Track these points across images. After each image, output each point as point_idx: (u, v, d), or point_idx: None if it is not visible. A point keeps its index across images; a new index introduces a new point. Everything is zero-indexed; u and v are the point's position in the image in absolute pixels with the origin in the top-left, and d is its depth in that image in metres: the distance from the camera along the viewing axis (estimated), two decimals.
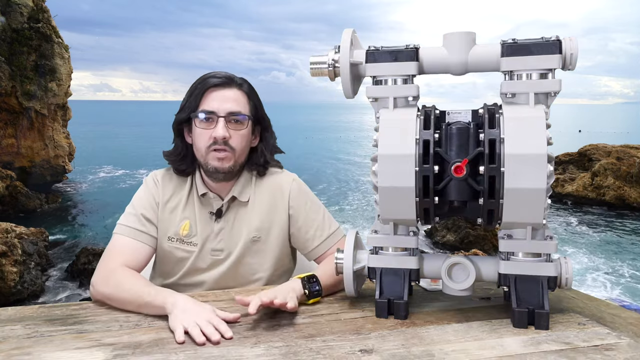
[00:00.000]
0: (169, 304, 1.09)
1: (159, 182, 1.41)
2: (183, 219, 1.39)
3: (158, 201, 1.40)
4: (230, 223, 1.39)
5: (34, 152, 14.68)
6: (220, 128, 1.29)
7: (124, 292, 1.17)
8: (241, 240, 1.38)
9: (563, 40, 1.01)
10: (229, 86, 1.33)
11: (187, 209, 1.40)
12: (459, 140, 1.03)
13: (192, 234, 1.38)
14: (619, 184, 12.94)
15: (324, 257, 1.41)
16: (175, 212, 1.39)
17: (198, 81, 1.34)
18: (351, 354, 0.92)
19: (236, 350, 0.94)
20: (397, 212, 1.07)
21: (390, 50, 1.09)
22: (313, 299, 1.20)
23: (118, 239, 1.34)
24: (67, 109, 15.80)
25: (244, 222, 1.39)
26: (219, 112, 1.30)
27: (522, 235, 1.05)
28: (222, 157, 1.31)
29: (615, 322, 1.07)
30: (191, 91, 1.34)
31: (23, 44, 13.58)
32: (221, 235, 1.38)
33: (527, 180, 0.96)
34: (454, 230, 10.15)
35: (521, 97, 1.03)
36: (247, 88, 1.37)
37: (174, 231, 1.39)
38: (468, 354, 0.91)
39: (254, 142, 1.42)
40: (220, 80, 1.33)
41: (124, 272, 1.24)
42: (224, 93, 1.32)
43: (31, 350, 0.96)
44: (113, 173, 21.07)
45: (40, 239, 8.69)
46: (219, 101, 1.31)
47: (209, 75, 1.34)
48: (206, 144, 1.31)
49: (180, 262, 1.40)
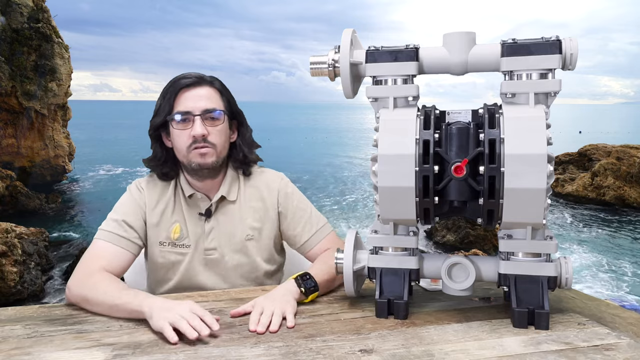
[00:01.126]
0: (147, 307, 1.06)
1: (144, 189, 1.41)
2: (173, 222, 1.39)
3: (144, 208, 1.39)
4: (221, 222, 1.40)
5: (34, 152, 14.68)
6: (198, 126, 1.30)
7: (100, 295, 1.14)
8: (235, 238, 1.40)
9: (563, 40, 1.01)
10: (200, 85, 1.34)
11: (176, 212, 1.40)
12: (459, 140, 1.03)
13: (184, 237, 1.39)
14: (619, 184, 12.94)
15: (313, 252, 1.44)
16: (164, 217, 1.39)
17: (169, 84, 1.35)
18: (351, 354, 0.92)
19: (236, 350, 0.94)
20: (397, 212, 1.06)
21: (390, 50, 1.09)
22: (311, 296, 1.20)
23: (98, 243, 1.33)
24: (67, 109, 15.79)
25: (235, 221, 1.41)
26: (194, 111, 1.31)
27: (522, 235, 1.05)
28: (204, 153, 1.32)
29: (615, 322, 1.07)
30: (163, 95, 1.35)
31: (23, 44, 13.58)
32: (212, 235, 1.39)
33: (527, 180, 0.96)
34: (454, 230, 10.14)
35: (521, 97, 1.03)
36: (218, 85, 1.38)
37: (165, 236, 1.39)
38: (468, 354, 0.91)
39: (233, 137, 1.43)
40: (191, 80, 1.34)
41: (102, 276, 1.22)
42: (196, 92, 1.33)
43: (31, 350, 0.96)
44: (113, 172, 21.07)
45: (40, 239, 8.68)
46: (193, 100, 1.32)
47: (180, 77, 1.35)
48: (186, 143, 1.32)
49: (174, 266, 1.40)
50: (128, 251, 1.34)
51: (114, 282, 1.20)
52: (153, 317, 1.03)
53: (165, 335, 0.98)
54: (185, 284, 1.40)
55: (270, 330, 1.03)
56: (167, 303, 1.07)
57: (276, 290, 1.19)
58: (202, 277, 1.40)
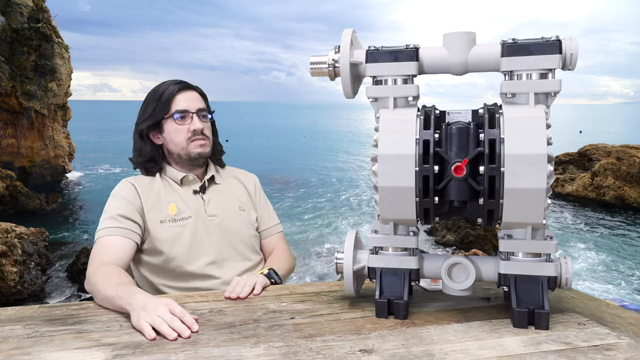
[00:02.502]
0: (128, 305, 1.10)
1: (132, 183, 1.53)
2: (168, 202, 1.53)
3: (137, 198, 1.49)
4: (215, 195, 1.58)
5: (34, 152, 14.68)
6: (197, 122, 1.52)
7: (100, 288, 1.23)
8: (230, 207, 1.58)
9: (563, 40, 1.01)
10: (189, 89, 1.55)
11: (169, 194, 1.54)
12: (459, 140, 1.03)
13: (182, 211, 1.52)
14: (619, 184, 12.94)
15: (268, 241, 1.67)
16: (159, 199, 1.52)
17: (160, 91, 1.52)
18: (351, 354, 0.92)
19: (236, 350, 0.94)
20: (397, 212, 1.07)
21: (390, 50, 1.09)
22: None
23: (99, 241, 1.42)
24: (67, 109, 15.80)
25: (225, 196, 1.59)
26: (190, 110, 1.52)
27: (522, 235, 1.05)
28: (203, 144, 1.53)
29: (615, 322, 1.07)
30: (156, 99, 1.51)
31: (23, 44, 13.58)
32: (212, 204, 1.56)
33: (527, 180, 0.96)
34: (454, 230, 10.14)
35: (521, 97, 1.03)
36: (200, 91, 1.59)
37: (165, 214, 1.51)
38: (468, 354, 0.91)
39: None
40: (182, 85, 1.54)
41: (104, 269, 1.30)
42: (190, 94, 1.54)
43: (31, 350, 0.95)
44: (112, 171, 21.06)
45: (40, 239, 8.68)
46: (188, 101, 1.52)
47: (170, 83, 1.54)
48: (185, 137, 1.51)
49: (178, 237, 1.49)
50: (128, 239, 1.42)
51: (113, 276, 1.26)
52: (133, 315, 1.07)
53: (143, 334, 1.01)
54: (193, 255, 1.49)
55: (241, 295, 1.24)
56: (147, 302, 1.08)
57: (248, 278, 1.35)
58: (210, 240, 1.51)
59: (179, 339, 0.99)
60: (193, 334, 1.02)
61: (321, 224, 13.29)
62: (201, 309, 1.17)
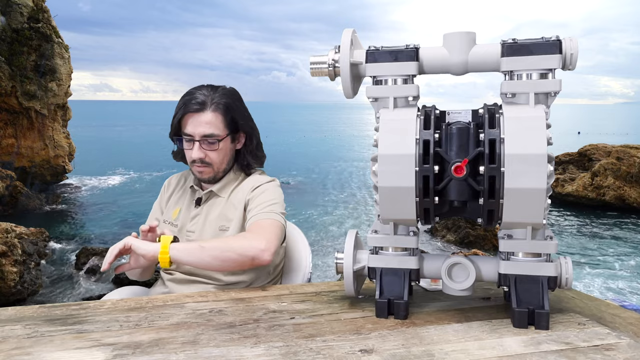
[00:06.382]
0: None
1: (169, 179, 1.73)
2: (175, 206, 1.65)
3: (164, 191, 1.71)
4: (205, 211, 1.57)
5: (34, 152, 14.67)
6: (195, 151, 1.50)
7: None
8: (211, 228, 1.54)
9: (563, 40, 1.01)
10: (203, 111, 1.48)
11: (181, 199, 1.65)
12: (459, 140, 1.03)
13: (178, 218, 1.61)
14: (619, 184, 12.93)
15: (247, 228, 1.46)
16: (171, 202, 1.67)
17: (181, 103, 1.50)
18: (351, 354, 0.92)
19: (236, 350, 0.94)
20: (397, 212, 1.07)
21: (390, 50, 1.09)
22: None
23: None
24: (67, 109, 15.78)
25: (217, 213, 1.55)
26: (194, 136, 1.49)
27: (522, 235, 1.05)
28: (201, 171, 1.54)
29: (615, 322, 1.07)
30: (177, 110, 1.51)
31: (23, 44, 13.57)
32: (195, 220, 1.58)
33: (527, 180, 0.96)
34: (454, 230, 10.14)
35: (521, 97, 1.03)
36: (223, 106, 1.49)
37: (169, 215, 1.64)
38: (468, 354, 0.91)
39: (238, 146, 1.59)
40: (197, 107, 1.47)
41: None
42: (198, 118, 1.48)
43: (31, 350, 0.96)
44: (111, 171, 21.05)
45: (40, 239, 8.67)
46: (194, 126, 1.48)
47: (190, 98, 1.49)
48: (189, 159, 1.55)
49: None
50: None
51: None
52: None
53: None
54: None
55: (103, 268, 1.31)
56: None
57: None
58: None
59: (179, 340, 1.00)
60: (193, 334, 1.02)
61: (321, 223, 13.31)
62: (201, 309, 1.17)
